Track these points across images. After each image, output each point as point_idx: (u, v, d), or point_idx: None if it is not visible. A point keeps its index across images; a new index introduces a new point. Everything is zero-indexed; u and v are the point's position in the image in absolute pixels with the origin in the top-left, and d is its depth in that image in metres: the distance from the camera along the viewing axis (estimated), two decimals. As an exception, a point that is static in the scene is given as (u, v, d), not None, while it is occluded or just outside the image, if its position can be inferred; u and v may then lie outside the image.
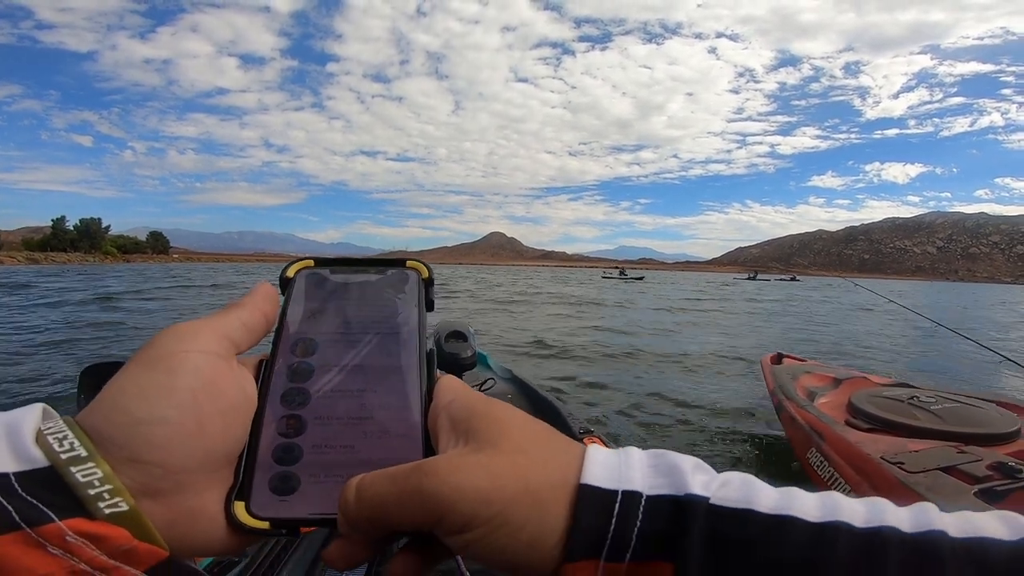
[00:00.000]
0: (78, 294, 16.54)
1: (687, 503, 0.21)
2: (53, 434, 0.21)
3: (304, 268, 0.33)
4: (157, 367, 0.23)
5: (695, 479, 0.22)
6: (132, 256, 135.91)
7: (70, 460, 0.21)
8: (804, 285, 56.52)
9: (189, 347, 0.24)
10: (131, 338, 8.44)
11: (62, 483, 0.20)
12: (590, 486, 0.22)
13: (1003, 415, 2.62)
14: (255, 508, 0.25)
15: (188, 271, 46.61)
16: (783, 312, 18.20)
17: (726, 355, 8.07)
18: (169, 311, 12.83)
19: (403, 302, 0.32)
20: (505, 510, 0.21)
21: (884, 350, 9.78)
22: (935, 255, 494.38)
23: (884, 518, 0.21)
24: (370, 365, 0.29)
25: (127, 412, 0.22)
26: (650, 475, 0.23)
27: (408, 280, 0.33)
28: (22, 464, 0.20)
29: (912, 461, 2.15)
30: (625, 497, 0.21)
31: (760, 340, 10.35)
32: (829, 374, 3.84)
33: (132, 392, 0.22)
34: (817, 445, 2.76)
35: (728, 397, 5.45)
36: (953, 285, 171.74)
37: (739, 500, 0.21)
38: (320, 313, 0.31)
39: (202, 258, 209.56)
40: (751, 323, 14.34)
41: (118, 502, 0.21)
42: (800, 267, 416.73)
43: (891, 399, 2.89)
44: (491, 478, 0.22)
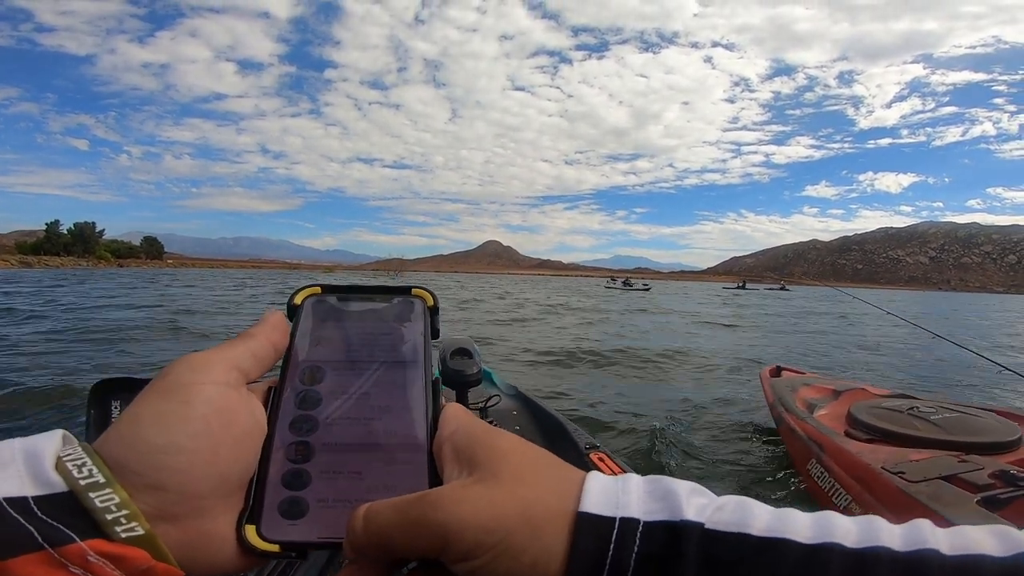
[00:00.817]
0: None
1: (682, 528, 0.22)
2: (72, 460, 0.22)
3: (311, 295, 0.33)
4: (172, 397, 0.24)
5: (690, 504, 0.23)
6: (126, 261, 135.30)
7: (89, 486, 0.21)
8: (793, 294, 56.66)
9: (202, 379, 0.25)
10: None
11: (81, 507, 0.21)
12: (588, 514, 0.22)
13: (1003, 424, 2.63)
14: (265, 531, 0.26)
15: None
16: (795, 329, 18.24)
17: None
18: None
19: (409, 330, 0.32)
20: (507, 538, 0.22)
21: (880, 362, 9.83)
22: (928, 265, 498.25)
23: (877, 537, 0.21)
24: (377, 393, 0.30)
25: (144, 440, 0.23)
26: (647, 501, 0.23)
27: (414, 308, 0.34)
28: (41, 488, 0.21)
29: (913, 471, 2.16)
30: (622, 523, 0.22)
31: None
32: (828, 386, 3.85)
33: (149, 421, 0.24)
34: (817, 456, 2.77)
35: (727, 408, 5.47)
36: (945, 295, 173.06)
37: (733, 523, 0.22)
38: (327, 340, 0.31)
39: (196, 263, 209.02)
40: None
41: (134, 526, 0.22)
42: (795, 277, 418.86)
43: (890, 410, 2.91)
44: (493, 508, 0.23)
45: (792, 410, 3.39)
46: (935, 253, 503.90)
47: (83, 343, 7.82)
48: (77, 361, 6.43)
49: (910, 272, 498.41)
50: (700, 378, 7.09)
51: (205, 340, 8.95)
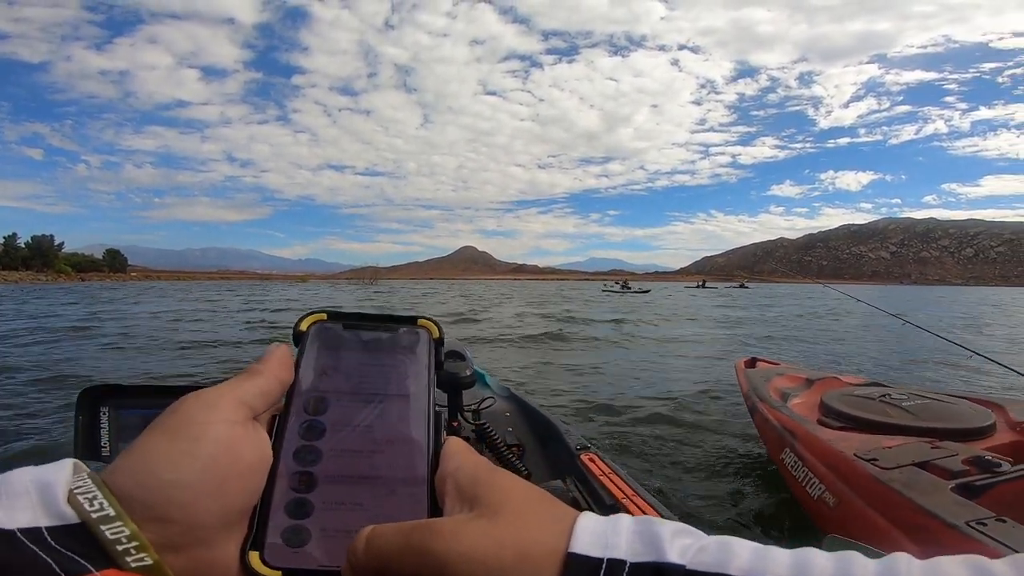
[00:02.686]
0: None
1: (666, 570, 0.22)
2: (83, 493, 0.23)
3: (317, 321, 0.34)
4: (183, 435, 0.25)
5: (674, 545, 0.23)
6: (88, 274, 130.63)
7: (100, 519, 0.22)
8: (755, 292, 57.76)
9: (212, 417, 0.26)
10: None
11: (93, 539, 0.22)
12: (577, 554, 0.23)
13: (976, 410, 2.61)
14: (268, 558, 0.26)
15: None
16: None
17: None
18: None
19: (413, 362, 0.33)
20: (502, 574, 0.23)
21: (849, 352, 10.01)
22: (889, 260, 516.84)
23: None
24: (380, 426, 0.30)
25: (154, 476, 0.24)
26: (634, 542, 0.24)
27: (419, 340, 0.34)
28: (54, 519, 0.22)
29: (886, 457, 2.11)
30: (609, 564, 0.23)
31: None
32: (801, 375, 3.84)
33: (159, 457, 0.25)
34: (791, 445, 2.72)
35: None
36: (907, 288, 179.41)
37: (713, 564, 0.22)
38: (332, 369, 0.32)
39: (161, 276, 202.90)
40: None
41: (143, 556, 0.23)
42: (764, 274, 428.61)
43: (863, 397, 2.88)
44: (492, 544, 0.24)
45: (766, 399, 3.35)
46: (896, 248, 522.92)
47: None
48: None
49: (872, 267, 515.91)
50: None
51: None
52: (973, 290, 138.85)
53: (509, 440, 1.41)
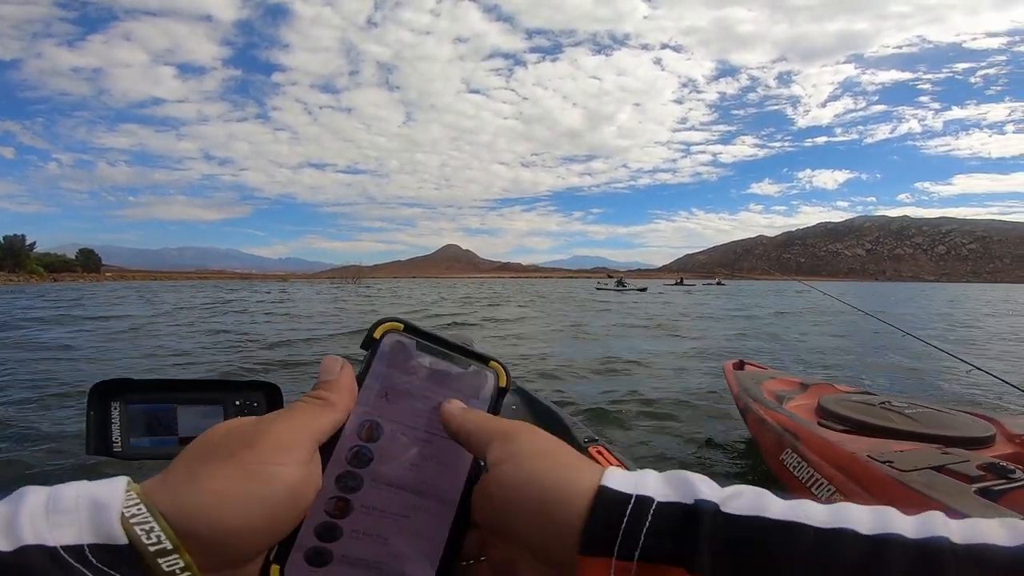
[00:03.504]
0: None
1: (697, 509, 0.23)
2: (139, 524, 0.23)
3: (392, 331, 0.32)
4: (257, 478, 0.25)
5: (705, 489, 0.24)
6: (60, 275, 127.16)
7: (158, 552, 0.22)
8: (729, 288, 57.65)
9: (288, 460, 0.26)
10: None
11: (138, 561, 0.22)
12: (608, 487, 0.24)
13: (975, 422, 2.63)
14: (287, 574, 0.27)
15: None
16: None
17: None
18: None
19: (474, 406, 0.32)
20: (558, 450, 0.27)
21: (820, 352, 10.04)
22: (864, 257, 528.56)
23: (890, 525, 0.22)
24: (425, 467, 0.30)
25: (223, 521, 0.24)
26: (665, 484, 0.25)
27: (486, 383, 0.33)
28: (100, 539, 0.22)
29: (900, 460, 2.08)
30: (638, 500, 0.24)
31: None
32: (795, 379, 3.85)
33: (232, 501, 0.24)
34: (792, 446, 2.66)
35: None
36: (882, 285, 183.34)
37: (748, 508, 0.23)
38: (394, 394, 0.31)
39: (137, 276, 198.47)
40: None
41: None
42: (743, 272, 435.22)
43: (862, 403, 2.87)
44: (551, 437, 0.28)
45: (761, 400, 3.29)
46: (871, 245, 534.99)
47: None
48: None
49: (848, 264, 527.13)
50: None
51: None
52: (946, 286, 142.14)
53: None
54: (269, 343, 9.54)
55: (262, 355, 8.12)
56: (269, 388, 0.71)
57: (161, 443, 0.58)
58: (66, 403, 4.91)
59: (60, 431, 4.00)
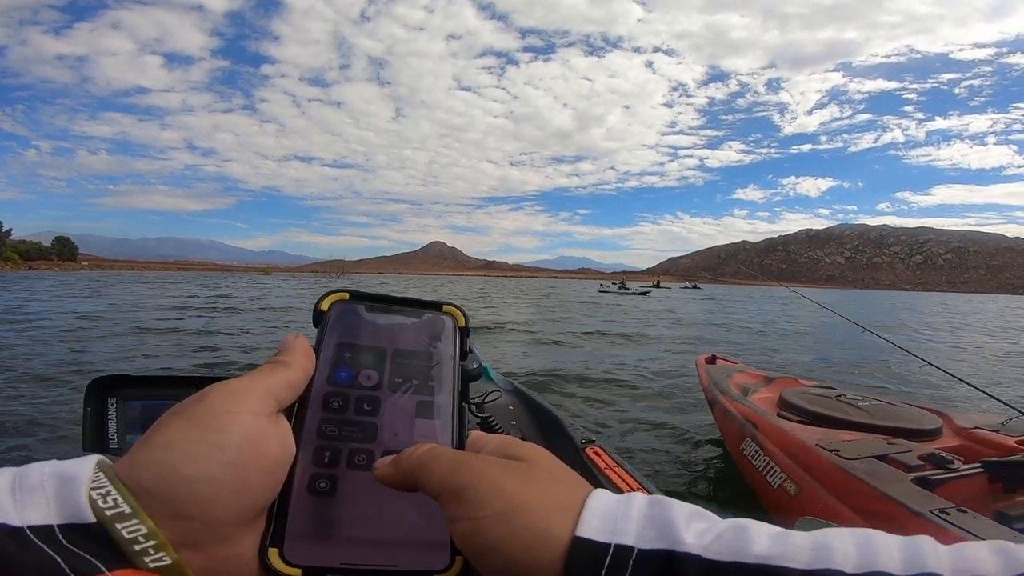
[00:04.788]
0: None
1: (679, 558, 0.22)
2: (97, 489, 0.22)
3: (339, 301, 0.32)
4: (207, 425, 0.24)
5: (688, 531, 0.22)
6: (35, 263, 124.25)
7: (115, 516, 0.21)
8: (704, 292, 57.16)
9: (238, 407, 0.25)
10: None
11: (108, 538, 0.21)
12: (583, 539, 0.22)
13: (924, 415, 2.74)
14: (288, 555, 0.26)
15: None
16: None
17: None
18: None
19: (438, 351, 0.31)
20: (520, 511, 0.23)
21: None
22: (844, 264, 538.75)
23: (876, 561, 0.20)
24: (402, 419, 0.29)
25: (175, 469, 0.23)
26: (646, 526, 0.23)
27: (444, 327, 0.32)
28: (68, 518, 0.21)
29: (847, 449, 2.18)
30: (616, 551, 0.22)
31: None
32: (761, 373, 3.98)
33: (181, 449, 0.23)
34: (752, 435, 2.76)
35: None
36: (865, 293, 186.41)
37: (729, 552, 0.21)
38: (353, 356, 0.30)
39: (114, 266, 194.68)
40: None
41: (162, 556, 0.22)
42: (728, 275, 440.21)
43: (820, 396, 2.98)
44: (519, 484, 0.24)
45: (727, 392, 3.40)
46: (850, 253, 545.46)
47: None
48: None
49: (828, 271, 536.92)
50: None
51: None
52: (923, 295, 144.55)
53: (513, 434, 1.37)
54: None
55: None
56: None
57: None
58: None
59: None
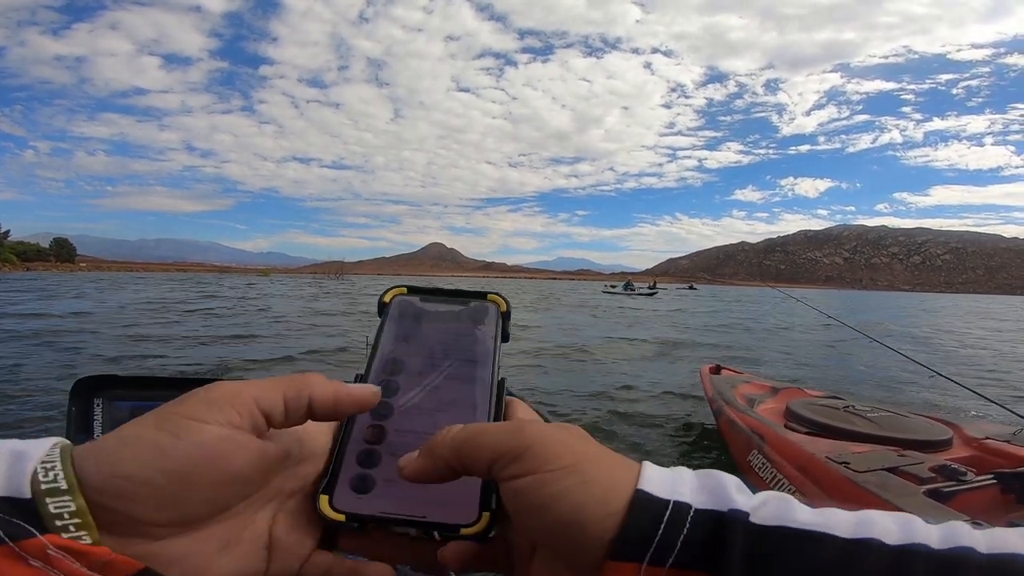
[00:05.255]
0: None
1: (729, 518, 0.23)
2: (44, 463, 0.22)
3: (399, 294, 0.38)
4: (165, 427, 0.24)
5: (737, 496, 0.24)
6: (33, 264, 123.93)
7: (48, 491, 0.22)
8: (701, 293, 55.83)
9: (208, 417, 0.24)
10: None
11: (36, 512, 0.21)
12: (645, 491, 0.24)
13: (934, 425, 2.71)
14: (336, 503, 0.28)
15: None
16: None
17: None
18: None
19: (482, 332, 0.36)
20: (581, 463, 0.24)
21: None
22: (842, 265, 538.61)
23: (915, 535, 0.21)
24: (447, 388, 0.33)
25: (115, 464, 0.23)
26: (699, 490, 0.24)
27: (488, 312, 0.37)
28: (8, 491, 0.22)
29: (857, 462, 2.16)
30: (675, 507, 0.23)
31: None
32: (767, 384, 3.95)
33: (131, 447, 0.23)
34: (759, 447, 2.74)
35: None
36: (859, 293, 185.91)
37: (776, 517, 0.23)
38: (409, 337, 0.35)
39: (112, 267, 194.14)
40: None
41: (83, 535, 0.22)
42: (726, 277, 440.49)
43: (827, 407, 2.96)
44: (574, 442, 0.26)
45: (733, 404, 3.39)
46: (848, 254, 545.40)
47: None
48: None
49: (826, 272, 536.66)
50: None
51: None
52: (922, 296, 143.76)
53: None
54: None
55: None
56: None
57: None
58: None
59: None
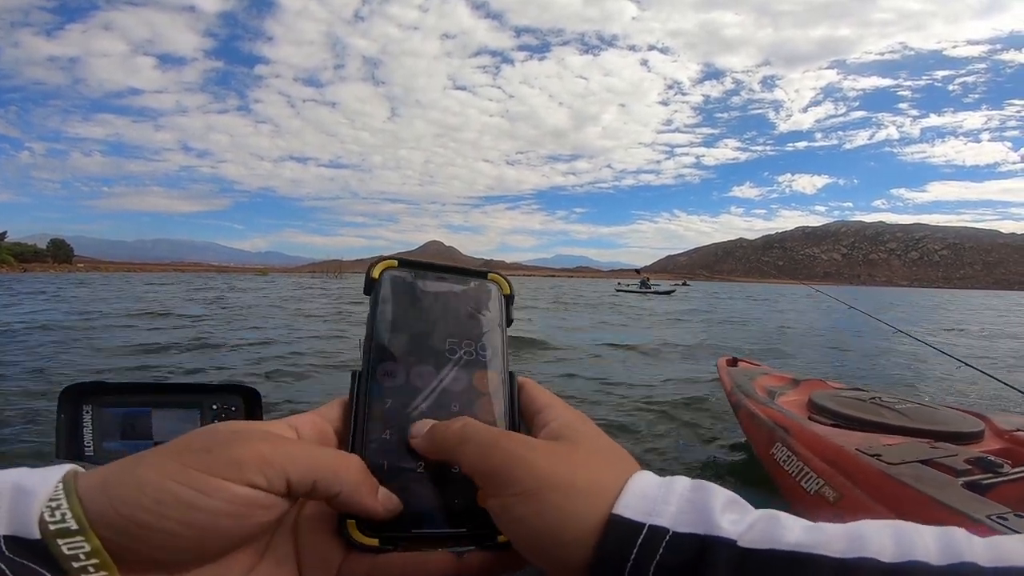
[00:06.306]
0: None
1: (712, 543, 0.22)
2: (51, 502, 0.21)
3: (388, 268, 0.32)
4: (193, 483, 0.22)
5: (724, 518, 0.23)
6: (31, 265, 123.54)
7: (59, 532, 0.20)
8: (697, 294, 54.86)
9: (236, 477, 0.23)
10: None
11: (48, 553, 0.20)
12: (618, 517, 0.23)
13: (964, 417, 2.66)
14: (363, 526, 0.26)
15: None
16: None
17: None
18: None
19: (487, 320, 0.32)
20: (543, 490, 0.24)
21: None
22: (840, 261, 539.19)
23: (912, 551, 0.20)
24: (457, 387, 0.30)
25: (131, 509, 0.21)
26: (684, 510, 0.23)
27: (490, 295, 0.33)
28: (15, 530, 0.20)
29: (889, 454, 2.12)
30: (650, 531, 0.22)
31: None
32: (787, 375, 3.89)
33: (150, 495, 0.21)
34: (783, 439, 2.72)
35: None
36: (858, 289, 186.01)
37: (763, 540, 0.22)
38: (406, 325, 0.30)
39: (109, 267, 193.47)
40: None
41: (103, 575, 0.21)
42: (723, 274, 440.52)
43: (852, 399, 2.91)
44: (565, 464, 0.25)
45: (753, 396, 3.36)
46: (846, 250, 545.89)
47: None
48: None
49: (825, 268, 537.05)
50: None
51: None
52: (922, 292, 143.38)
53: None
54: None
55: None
56: (247, 392, 0.69)
57: (136, 447, 0.58)
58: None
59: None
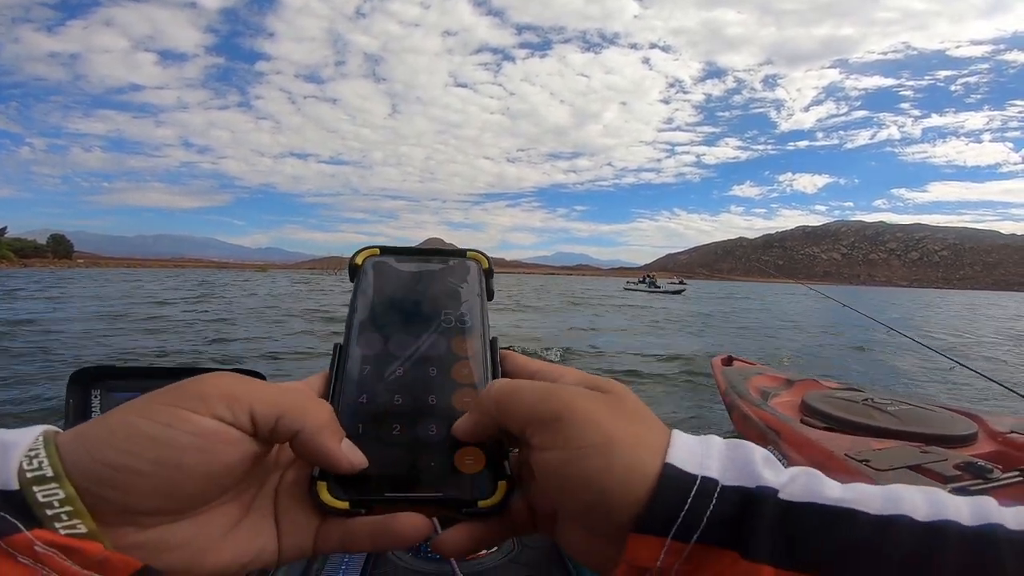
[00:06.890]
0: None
1: (757, 495, 0.22)
2: (29, 452, 0.21)
3: (371, 256, 0.34)
4: (156, 416, 0.22)
5: (766, 472, 0.23)
6: (31, 260, 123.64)
7: (35, 479, 0.21)
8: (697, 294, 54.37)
9: (201, 410, 0.23)
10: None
11: (25, 502, 0.20)
12: (673, 466, 0.23)
13: (957, 419, 2.64)
14: (334, 490, 0.26)
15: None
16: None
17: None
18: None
19: (466, 291, 0.33)
20: (610, 443, 0.24)
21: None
22: (840, 261, 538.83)
23: (945, 511, 0.21)
24: (437, 355, 0.30)
25: (101, 451, 0.22)
26: (728, 465, 0.24)
27: (469, 270, 0.34)
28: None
29: (878, 459, 2.12)
30: (703, 482, 0.23)
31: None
32: (781, 375, 3.88)
33: (120, 435, 0.22)
34: (774, 443, 2.71)
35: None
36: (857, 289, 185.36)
37: (805, 494, 0.22)
38: (387, 301, 0.32)
39: (110, 263, 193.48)
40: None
41: (76, 523, 0.21)
42: (723, 273, 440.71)
43: (846, 400, 2.90)
44: (615, 417, 0.25)
45: (746, 397, 3.35)
46: (846, 250, 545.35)
47: None
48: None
49: (824, 268, 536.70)
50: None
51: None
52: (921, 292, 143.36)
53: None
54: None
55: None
56: (252, 375, 0.69)
57: None
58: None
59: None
